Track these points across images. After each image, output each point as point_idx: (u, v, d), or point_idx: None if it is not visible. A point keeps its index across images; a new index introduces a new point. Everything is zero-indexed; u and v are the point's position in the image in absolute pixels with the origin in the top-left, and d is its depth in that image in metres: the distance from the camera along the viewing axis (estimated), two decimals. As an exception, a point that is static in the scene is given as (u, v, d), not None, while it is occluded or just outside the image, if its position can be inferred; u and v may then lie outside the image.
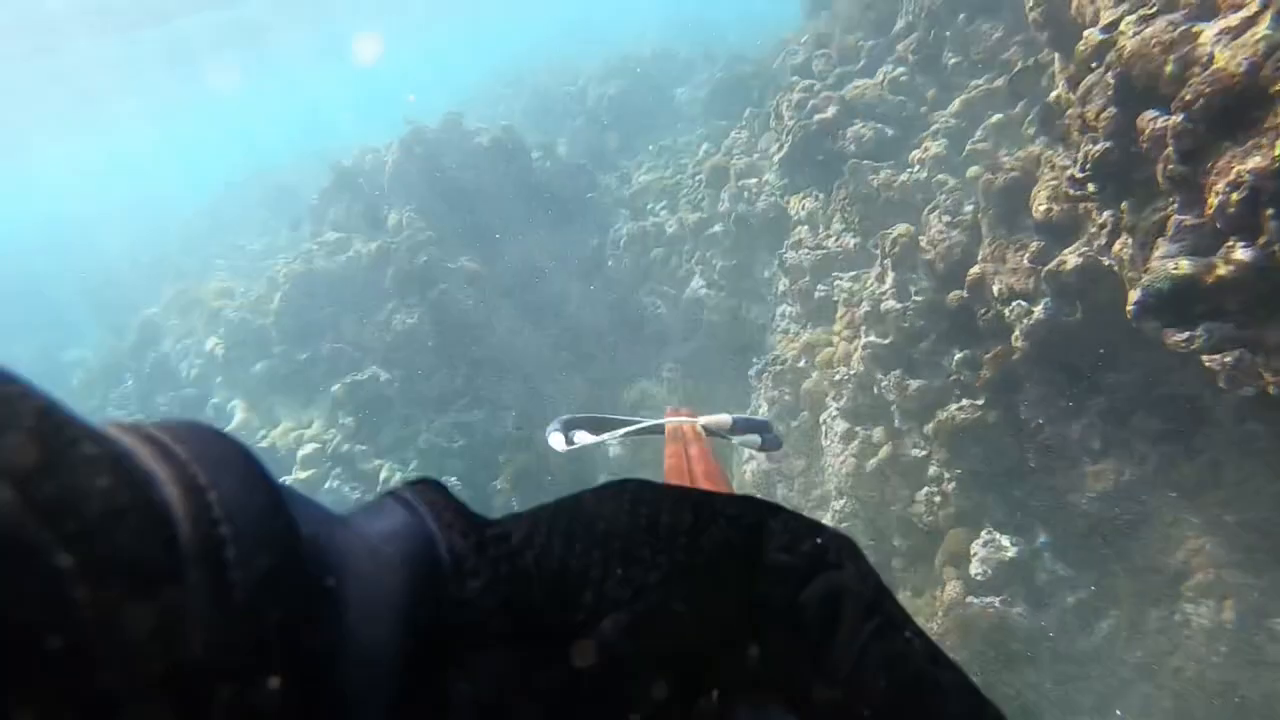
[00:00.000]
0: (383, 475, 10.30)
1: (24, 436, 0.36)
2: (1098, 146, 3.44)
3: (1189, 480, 4.69)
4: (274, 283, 12.05)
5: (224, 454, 0.45)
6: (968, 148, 7.20)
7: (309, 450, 10.62)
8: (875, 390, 6.06)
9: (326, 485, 10.28)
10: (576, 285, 11.23)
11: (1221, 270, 2.80)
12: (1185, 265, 2.90)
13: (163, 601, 0.38)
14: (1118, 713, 4.83)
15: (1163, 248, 3.09)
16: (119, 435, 0.43)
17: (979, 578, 5.20)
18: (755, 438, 3.00)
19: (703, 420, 3.12)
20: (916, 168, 7.45)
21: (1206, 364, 3.61)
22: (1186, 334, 3.02)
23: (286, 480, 10.56)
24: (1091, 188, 3.79)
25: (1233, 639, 4.46)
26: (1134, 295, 3.19)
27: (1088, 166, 3.56)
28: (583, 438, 3.43)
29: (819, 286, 7.55)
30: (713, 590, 0.64)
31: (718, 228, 9.62)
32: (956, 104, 7.47)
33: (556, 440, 3.53)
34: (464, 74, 21.66)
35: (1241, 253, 2.77)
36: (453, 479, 10.12)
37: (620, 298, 10.81)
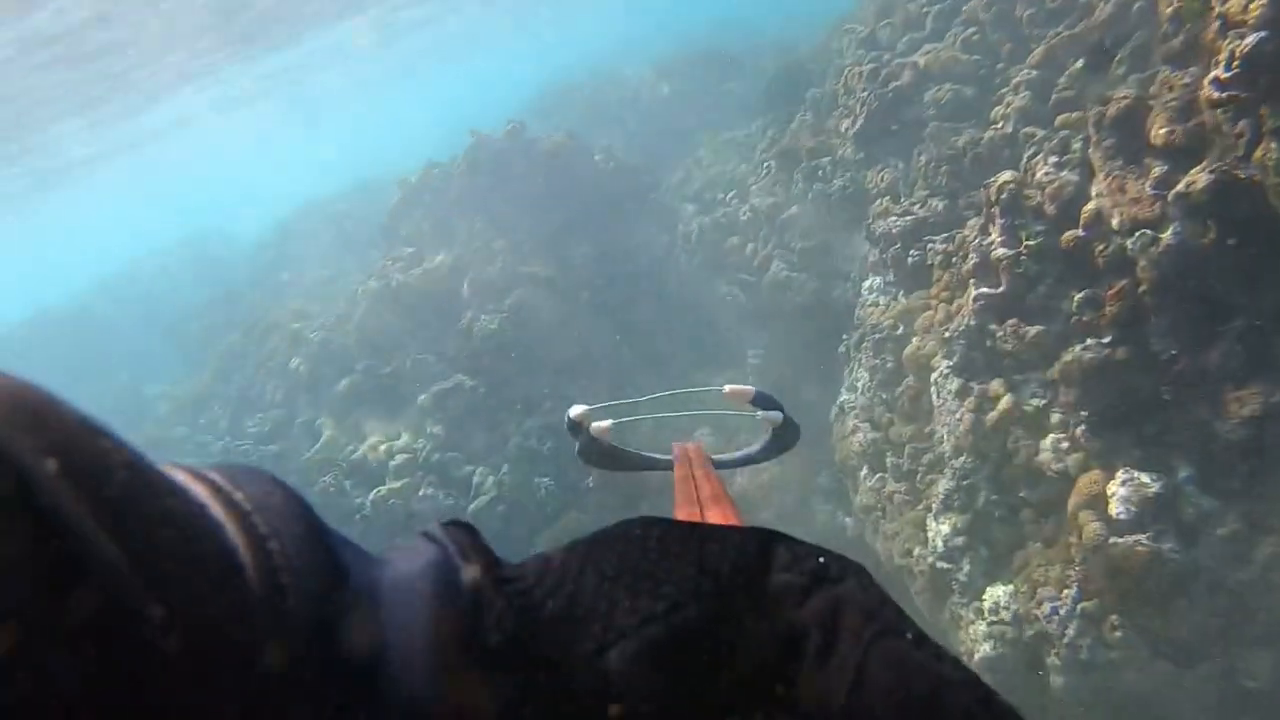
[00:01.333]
0: (475, 480, 10.43)
1: (118, 490, 0.40)
2: (1249, 39, 3.39)
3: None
4: (353, 301, 12.33)
5: (281, 503, 0.51)
6: (1054, 97, 7.11)
7: (400, 461, 10.80)
8: (989, 343, 5.98)
9: (421, 493, 10.44)
10: (650, 282, 11.30)
11: None
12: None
13: (236, 644, 0.43)
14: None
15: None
16: (189, 483, 0.48)
17: (1121, 517, 5.07)
18: (776, 415, 2.89)
19: (728, 388, 3.02)
20: (1000, 124, 7.38)
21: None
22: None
23: (381, 490, 10.68)
24: (1236, 92, 3.73)
25: None
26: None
27: (1235, 64, 3.50)
28: (602, 424, 3.27)
29: (911, 252, 7.50)
30: (720, 615, 0.65)
31: (794, 209, 9.62)
32: (1037, 54, 7.39)
33: (576, 410, 3.44)
34: (512, 92, 22.02)
35: None
36: (545, 479, 10.22)
37: (697, 291, 10.85)
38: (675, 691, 0.62)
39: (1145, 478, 5.12)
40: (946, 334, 6.39)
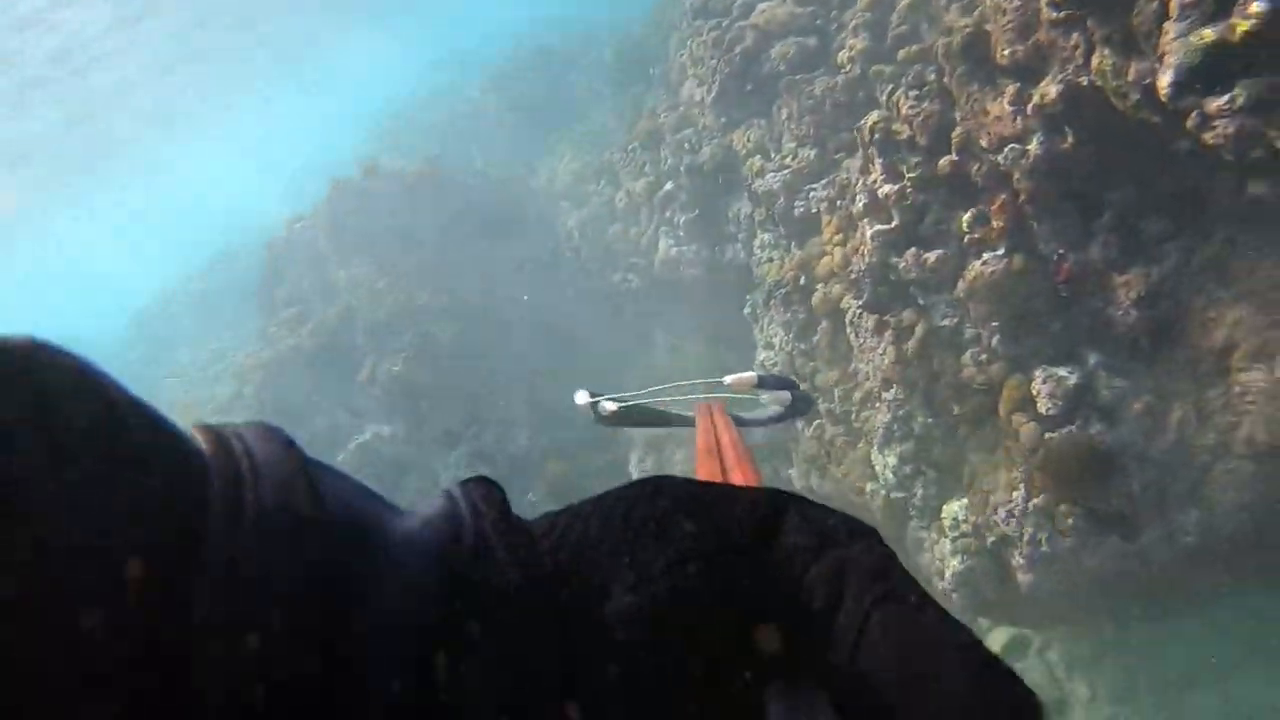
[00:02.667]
0: (417, 526, 10.17)
1: (89, 424, 0.45)
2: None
3: (1211, 261, 4.98)
4: (242, 377, 11.75)
5: (271, 451, 0.54)
6: (890, 34, 7.42)
7: (335, 526, 10.42)
8: (893, 276, 6.23)
9: (365, 553, 10.12)
10: (544, 287, 11.21)
11: (1243, 26, 3.01)
12: (1209, 33, 3.10)
13: (176, 578, 0.45)
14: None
15: (1172, 30, 3.29)
16: (196, 435, 0.54)
17: (1050, 412, 5.41)
18: (785, 394, 2.95)
19: (729, 379, 3.06)
20: (848, 67, 7.65)
21: (1210, 141, 3.85)
22: (1227, 96, 3.22)
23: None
24: (1072, 10, 3.99)
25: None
26: (1166, 78, 3.38)
27: (1066, -16, 3.74)
28: (609, 406, 3.34)
29: (796, 204, 7.71)
30: (724, 575, 0.66)
31: (669, 185, 9.71)
32: (865, -3, 7.67)
33: (581, 397, 3.45)
34: (356, 128, 21.14)
35: (1256, 5, 2.98)
36: (488, 506, 10.04)
37: (592, 285, 10.84)
38: (674, 648, 0.62)
39: (1062, 371, 5.48)
40: (851, 275, 6.62)
